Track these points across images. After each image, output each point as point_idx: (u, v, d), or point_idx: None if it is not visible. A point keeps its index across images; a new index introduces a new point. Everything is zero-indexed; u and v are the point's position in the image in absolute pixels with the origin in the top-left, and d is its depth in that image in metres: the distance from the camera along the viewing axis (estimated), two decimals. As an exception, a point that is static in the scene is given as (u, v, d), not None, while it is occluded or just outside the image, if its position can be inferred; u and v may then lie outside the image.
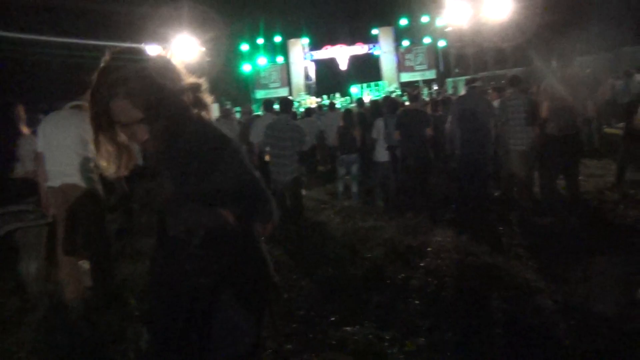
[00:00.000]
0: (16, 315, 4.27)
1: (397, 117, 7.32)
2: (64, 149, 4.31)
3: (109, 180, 4.77)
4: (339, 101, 25.03)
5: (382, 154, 7.92)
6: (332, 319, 3.82)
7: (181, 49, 23.38)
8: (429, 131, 7.19)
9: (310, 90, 29.27)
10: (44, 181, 4.39)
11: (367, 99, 26.50)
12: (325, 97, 27.22)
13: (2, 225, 4.32)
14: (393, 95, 25.03)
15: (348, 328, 3.63)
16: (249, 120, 9.98)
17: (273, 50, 29.69)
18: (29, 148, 4.41)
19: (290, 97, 26.41)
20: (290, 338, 3.55)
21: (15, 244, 4.59)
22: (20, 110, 4.52)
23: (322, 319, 3.84)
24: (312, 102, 26.37)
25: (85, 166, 4.33)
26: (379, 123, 7.89)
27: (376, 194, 8.21)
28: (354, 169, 8.41)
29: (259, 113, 14.29)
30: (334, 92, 27.06)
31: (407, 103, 12.48)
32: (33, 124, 4.86)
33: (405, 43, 28.58)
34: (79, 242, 4.44)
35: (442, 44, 27.34)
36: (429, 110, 9.74)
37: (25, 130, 4.52)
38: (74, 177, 4.31)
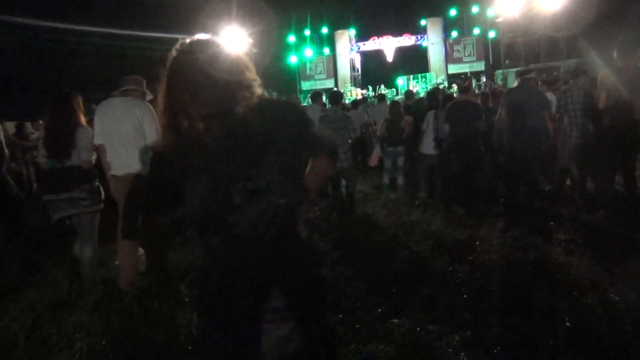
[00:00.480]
0: (72, 297, 4.44)
1: (446, 109, 7.21)
2: (122, 141, 4.46)
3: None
4: (384, 93, 24.88)
5: (428, 147, 7.84)
6: (379, 310, 3.82)
7: (229, 40, 23.66)
8: (481, 124, 7.05)
9: (355, 82, 29.23)
10: (108, 170, 4.57)
11: (413, 90, 26.36)
12: (370, 88, 27.13)
13: (57, 211, 4.51)
14: (440, 87, 24.74)
15: (395, 320, 3.62)
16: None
17: (320, 41, 29.75)
18: (86, 139, 4.57)
19: (336, 89, 26.54)
20: (337, 328, 3.57)
21: (70, 230, 4.78)
22: (79, 101, 4.67)
23: (369, 310, 3.84)
24: (357, 93, 26.33)
25: (145, 155, 4.47)
26: (429, 115, 7.82)
27: (420, 186, 8.13)
28: (400, 161, 8.37)
29: (306, 104, 14.33)
30: (379, 84, 26.92)
31: (455, 95, 12.28)
32: (87, 113, 5.03)
33: (454, 34, 28.12)
34: (137, 228, 4.60)
35: (492, 34, 26.76)
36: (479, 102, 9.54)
37: (83, 120, 4.67)
38: (136, 167, 4.47)
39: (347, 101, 23.59)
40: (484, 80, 24.57)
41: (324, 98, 10.09)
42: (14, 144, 10.03)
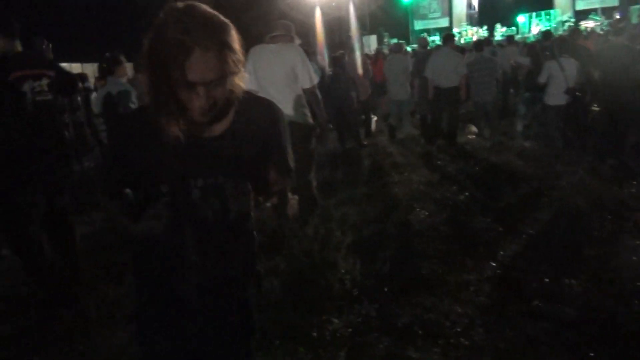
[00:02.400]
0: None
1: (597, 54, 6.63)
2: (276, 87, 4.51)
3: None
4: (500, 33, 23.56)
5: (555, 97, 7.19)
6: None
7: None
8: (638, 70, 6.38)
9: (472, 20, 27.76)
10: None
11: (535, 30, 24.61)
12: (485, 27, 25.76)
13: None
14: (566, 26, 22.89)
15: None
16: (423, 54, 9.63)
17: (435, -23, 28.37)
18: None
19: (478, 38, 25.44)
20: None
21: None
22: None
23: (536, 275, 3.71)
24: (472, 33, 25.17)
25: (298, 101, 4.53)
26: (552, 67, 7.13)
27: (556, 138, 7.57)
28: (537, 108, 7.93)
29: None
30: (497, 22, 25.44)
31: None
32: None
33: (585, -34, 25.64)
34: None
35: (630, -35, 24.05)
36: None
37: None
38: (289, 114, 4.51)
39: (463, 41, 22.65)
40: (617, 16, 22.37)
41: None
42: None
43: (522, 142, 8.02)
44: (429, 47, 11.29)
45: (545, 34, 9.18)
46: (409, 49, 15.99)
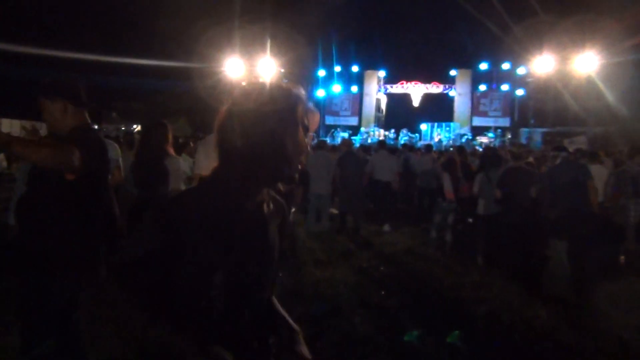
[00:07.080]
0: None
1: (500, 175, 7.16)
2: None
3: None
4: (405, 138, 25.09)
5: (486, 207, 7.60)
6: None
7: (261, 69, 23.93)
8: (533, 191, 6.94)
9: (379, 122, 29.39)
10: None
11: (436, 138, 26.47)
12: (392, 130, 27.32)
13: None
14: (464, 139, 24.84)
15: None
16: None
17: (348, 78, 29.99)
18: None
19: (363, 130, 26.70)
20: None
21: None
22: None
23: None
24: (379, 134, 26.53)
25: None
26: (482, 179, 7.61)
27: (477, 249, 7.85)
28: (451, 217, 8.28)
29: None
30: (402, 127, 27.09)
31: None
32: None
33: (482, 87, 28.34)
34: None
35: (520, 92, 26.87)
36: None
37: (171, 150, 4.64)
38: None
39: (370, 141, 23.76)
40: (509, 137, 24.72)
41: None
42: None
43: (433, 251, 8.23)
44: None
45: (459, 149, 9.83)
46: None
